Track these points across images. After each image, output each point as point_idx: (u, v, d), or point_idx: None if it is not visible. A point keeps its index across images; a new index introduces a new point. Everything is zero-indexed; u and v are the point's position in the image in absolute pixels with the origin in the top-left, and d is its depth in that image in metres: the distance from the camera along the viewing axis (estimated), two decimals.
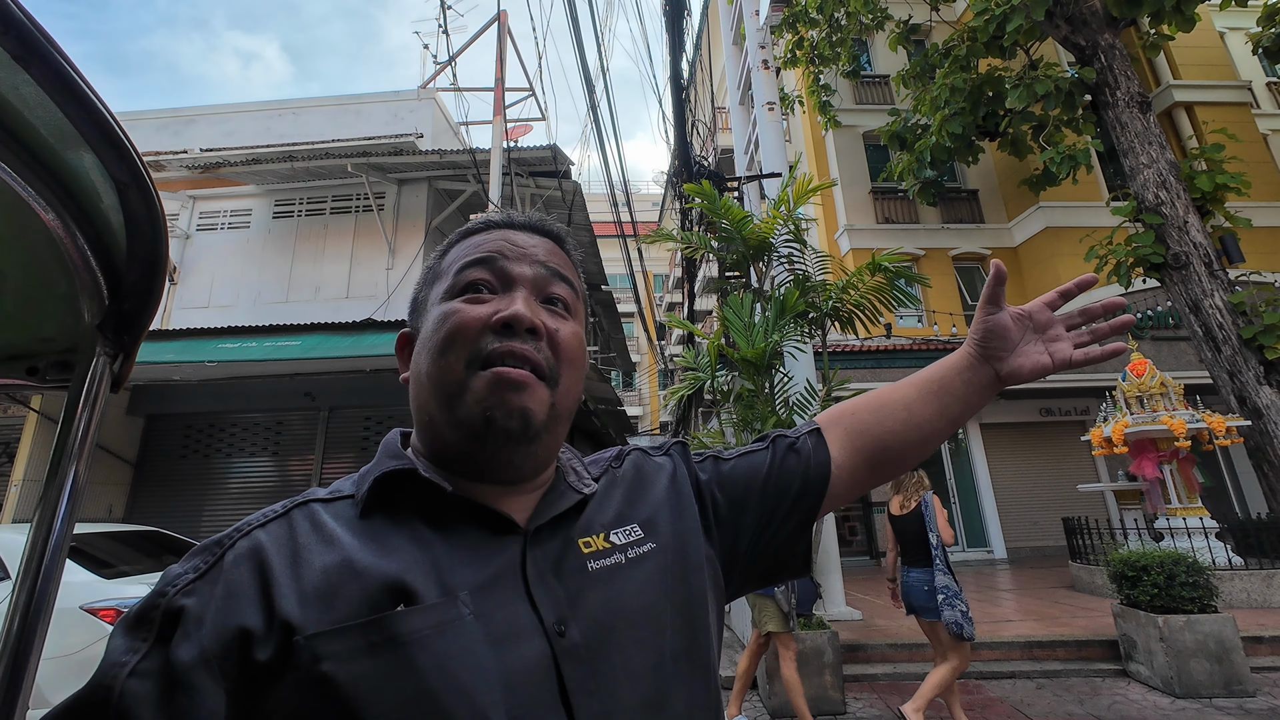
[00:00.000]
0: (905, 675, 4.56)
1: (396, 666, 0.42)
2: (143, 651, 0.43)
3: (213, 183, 8.98)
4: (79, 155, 0.54)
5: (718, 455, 0.70)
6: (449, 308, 0.56)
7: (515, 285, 0.57)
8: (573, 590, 0.51)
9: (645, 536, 0.58)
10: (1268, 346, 6.57)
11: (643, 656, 0.50)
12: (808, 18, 11.00)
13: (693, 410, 12.70)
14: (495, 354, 0.52)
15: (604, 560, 0.54)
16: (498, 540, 0.52)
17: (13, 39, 0.44)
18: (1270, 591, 5.57)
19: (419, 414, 0.56)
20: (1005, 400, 10.53)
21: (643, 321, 16.61)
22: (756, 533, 0.65)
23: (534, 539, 0.53)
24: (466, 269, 0.57)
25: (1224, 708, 3.76)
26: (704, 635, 0.55)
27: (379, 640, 0.43)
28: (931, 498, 3.53)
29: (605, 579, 0.53)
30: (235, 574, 0.46)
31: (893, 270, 4.72)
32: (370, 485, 0.52)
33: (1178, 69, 12.26)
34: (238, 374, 6.66)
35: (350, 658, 0.42)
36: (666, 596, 0.54)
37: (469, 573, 0.48)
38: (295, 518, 0.51)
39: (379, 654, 0.42)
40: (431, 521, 0.51)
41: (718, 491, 0.65)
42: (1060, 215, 11.39)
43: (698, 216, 8.10)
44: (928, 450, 0.70)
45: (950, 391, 0.69)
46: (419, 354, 0.57)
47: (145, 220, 0.61)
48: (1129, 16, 7.77)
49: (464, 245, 0.61)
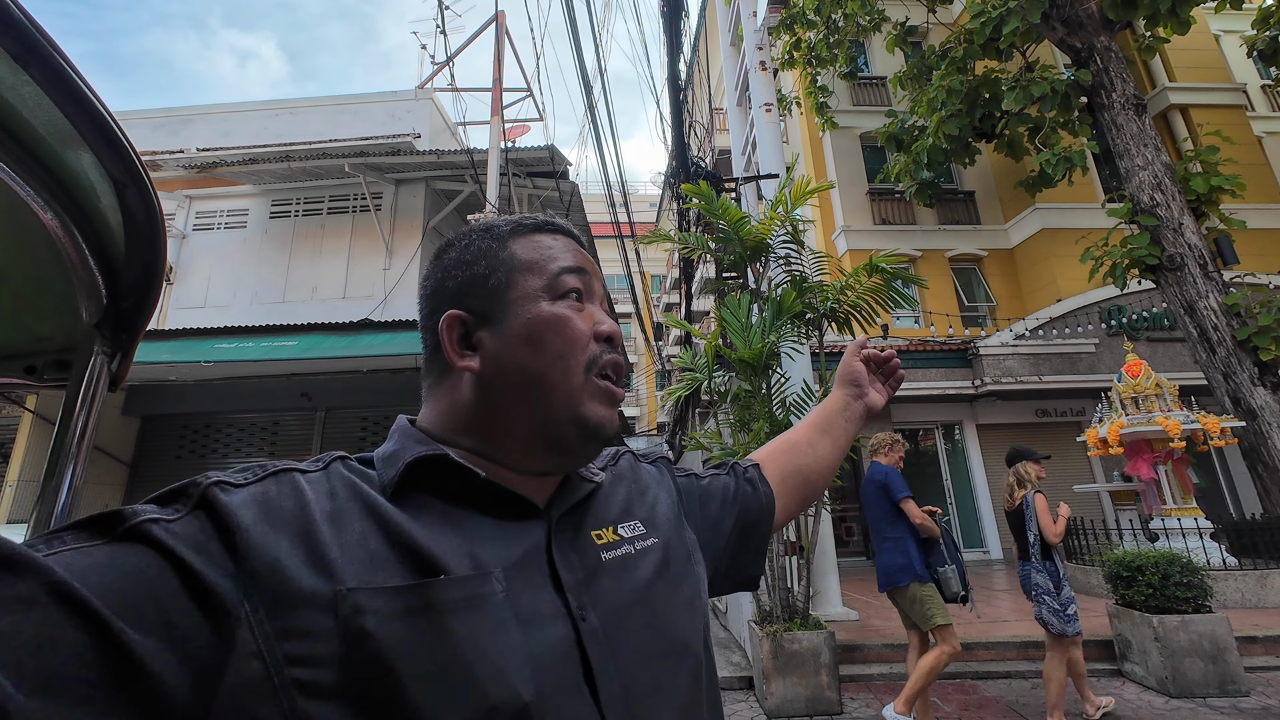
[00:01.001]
0: (902, 675, 4.56)
1: (433, 633, 0.43)
2: (181, 515, 0.41)
3: (209, 182, 8.95)
4: (77, 155, 0.54)
5: (696, 474, 0.78)
6: (563, 311, 0.56)
7: (594, 299, 0.61)
8: (590, 578, 0.53)
9: (648, 533, 0.61)
10: (1262, 348, 6.61)
11: (653, 642, 0.53)
12: (805, 19, 11.03)
13: (690, 411, 12.70)
14: (608, 364, 0.57)
15: (615, 551, 0.57)
16: (523, 524, 0.53)
17: (12, 39, 0.45)
18: (1264, 592, 5.60)
19: (492, 403, 0.56)
20: (1002, 402, 10.56)
21: (640, 322, 16.60)
22: (728, 550, 0.73)
23: (557, 525, 0.55)
24: (566, 274, 0.58)
25: (1218, 707, 3.78)
26: (703, 625, 0.60)
27: (418, 605, 0.43)
28: (1034, 497, 3.59)
29: (618, 569, 0.56)
30: (280, 501, 0.45)
31: (890, 271, 4.74)
32: (403, 469, 0.51)
33: (1173, 71, 12.33)
34: (234, 374, 6.64)
35: (391, 616, 0.42)
36: (670, 589, 0.58)
37: (500, 552, 0.50)
38: (335, 474, 0.51)
39: (417, 618, 0.43)
40: (460, 504, 0.52)
41: (699, 506, 0.72)
42: (1056, 217, 11.43)
43: (695, 217, 8.10)
44: (830, 477, 0.88)
45: (836, 427, 0.89)
46: (515, 346, 0.55)
47: (143, 220, 0.61)
48: (1125, 19, 7.81)
49: (540, 245, 0.60)
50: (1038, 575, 3.51)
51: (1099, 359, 9.76)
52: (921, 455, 11.17)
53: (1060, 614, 3.41)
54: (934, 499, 10.71)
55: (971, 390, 10.01)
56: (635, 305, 14.25)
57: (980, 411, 10.78)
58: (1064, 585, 3.47)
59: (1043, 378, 9.67)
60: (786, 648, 3.97)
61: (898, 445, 3.73)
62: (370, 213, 8.53)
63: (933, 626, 3.31)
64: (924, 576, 3.35)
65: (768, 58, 7.87)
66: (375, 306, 8.14)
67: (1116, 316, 10.01)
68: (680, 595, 0.59)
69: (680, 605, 0.58)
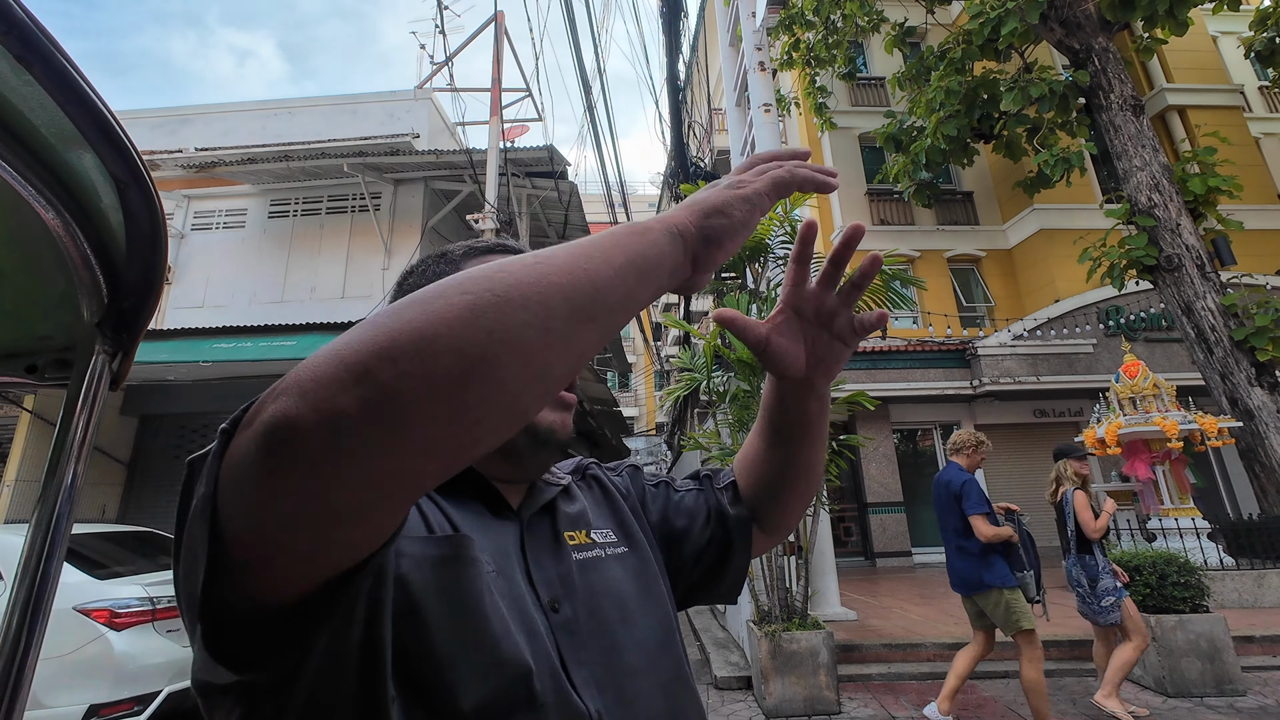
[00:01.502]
0: (900, 675, 4.58)
1: (453, 584, 0.46)
2: None
3: (208, 182, 8.94)
4: (79, 155, 0.54)
5: (669, 482, 0.77)
6: None
7: None
8: (563, 574, 0.57)
9: (619, 540, 0.65)
10: (1259, 348, 6.63)
11: (624, 634, 0.56)
12: (804, 20, 11.04)
13: (689, 411, 12.71)
14: None
15: (586, 553, 0.61)
16: (499, 520, 0.57)
17: (15, 39, 0.45)
18: (1261, 591, 5.62)
19: None
20: (999, 402, 10.58)
21: (639, 322, 16.61)
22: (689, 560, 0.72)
23: (528, 525, 0.59)
24: None
25: (1215, 706, 3.79)
26: (672, 622, 0.63)
27: (449, 554, 0.47)
28: (1073, 494, 3.71)
29: (590, 568, 0.59)
30: None
31: (888, 273, 4.74)
32: None
33: (1171, 72, 12.36)
34: (232, 374, 6.63)
35: (423, 563, 0.46)
36: (640, 590, 0.62)
37: (483, 540, 0.52)
38: None
39: (445, 568, 0.46)
40: (445, 494, 0.56)
41: (670, 517, 0.73)
42: (1054, 217, 11.45)
43: None
44: (810, 476, 0.71)
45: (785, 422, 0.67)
46: None
47: (145, 220, 0.61)
48: (1122, 20, 7.83)
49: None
50: (1074, 569, 3.70)
51: (1097, 359, 9.78)
52: (919, 455, 11.20)
53: (1094, 606, 3.59)
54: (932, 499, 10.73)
55: (970, 390, 10.03)
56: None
57: (978, 411, 10.80)
58: (1102, 577, 3.58)
59: (1041, 378, 9.69)
60: (785, 648, 3.97)
61: (982, 447, 3.56)
62: (369, 213, 8.53)
63: (1017, 630, 3.22)
64: (1010, 583, 3.27)
65: (766, 58, 7.87)
66: (374, 306, 8.12)
67: (1114, 317, 10.03)
68: (649, 596, 0.62)
69: (649, 604, 0.61)
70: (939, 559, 10.12)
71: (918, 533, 10.29)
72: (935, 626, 5.31)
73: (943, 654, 4.70)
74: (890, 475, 10.40)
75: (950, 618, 5.56)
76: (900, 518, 10.24)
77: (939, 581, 8.15)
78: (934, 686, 4.30)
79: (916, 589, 7.48)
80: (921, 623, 5.50)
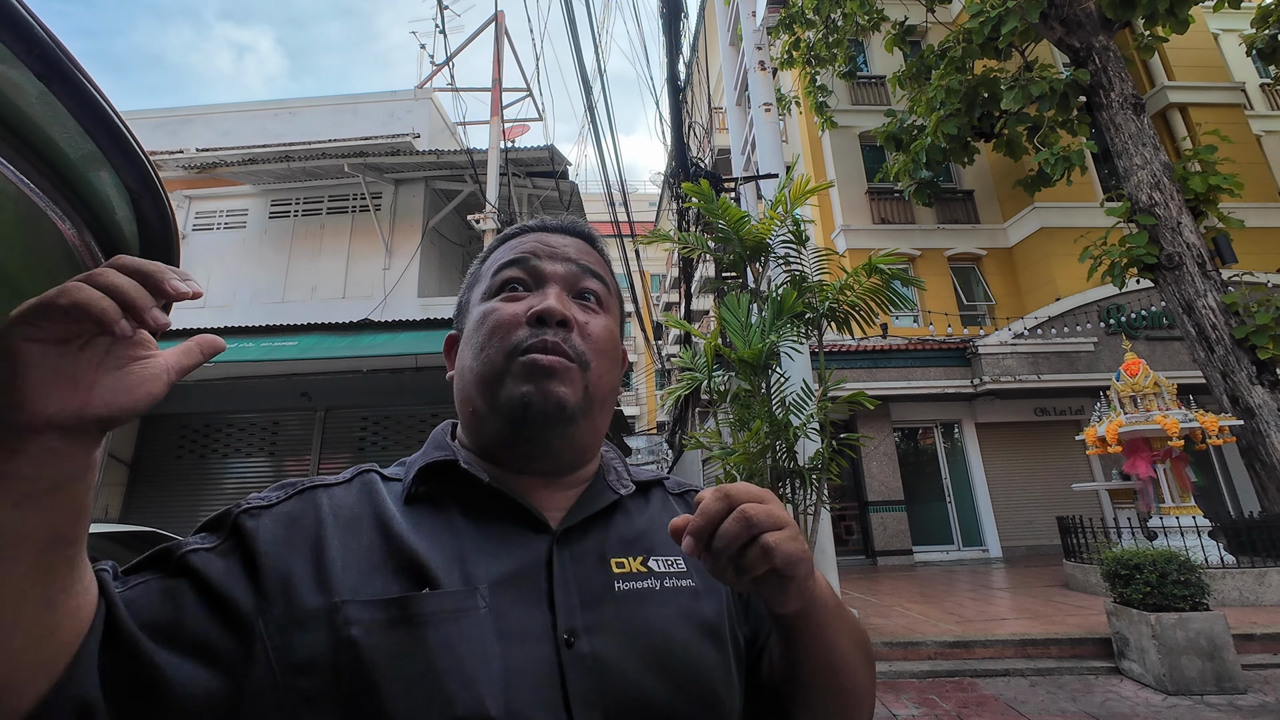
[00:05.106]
0: (901, 673, 4.58)
1: (410, 643, 0.45)
2: (217, 543, 0.49)
3: (209, 183, 8.96)
4: (95, 167, 0.55)
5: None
6: (488, 306, 0.60)
7: (548, 282, 0.61)
8: (593, 604, 0.51)
9: (687, 571, 0.56)
10: (1260, 346, 6.63)
11: (661, 685, 0.49)
12: (804, 19, 11.04)
13: (690, 410, 12.74)
14: (530, 344, 0.56)
15: (635, 583, 0.53)
16: (529, 537, 0.54)
17: (35, 57, 0.46)
18: (1262, 589, 5.62)
19: (463, 407, 0.61)
20: (1000, 401, 10.58)
21: (640, 321, 16.62)
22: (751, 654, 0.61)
23: (563, 540, 0.54)
24: (502, 270, 0.62)
25: (1215, 704, 3.79)
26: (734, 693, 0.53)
27: (399, 617, 0.46)
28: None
29: (633, 601, 0.52)
30: (301, 519, 0.51)
31: (888, 272, 4.75)
32: (415, 474, 0.56)
33: (1172, 70, 12.34)
34: (234, 374, 6.64)
35: (374, 628, 0.45)
36: (699, 636, 0.53)
37: (492, 566, 0.51)
38: (357, 486, 0.56)
39: (397, 629, 0.46)
40: (468, 512, 0.55)
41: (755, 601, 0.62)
42: (1055, 216, 11.45)
43: (694, 217, 8.11)
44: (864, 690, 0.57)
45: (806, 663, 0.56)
46: (463, 351, 0.62)
47: (158, 229, 0.63)
48: (1123, 19, 7.82)
49: (502, 249, 0.65)
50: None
51: (1097, 358, 9.79)
52: (920, 454, 11.20)
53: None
54: (933, 497, 10.75)
55: (970, 389, 10.03)
56: (635, 304, 14.26)
57: (979, 410, 10.80)
58: None
59: (1041, 376, 9.69)
60: None
61: None
62: (370, 213, 8.54)
63: None
64: None
65: (767, 57, 7.87)
66: (375, 306, 8.15)
67: (1115, 315, 10.03)
68: (708, 646, 0.53)
69: (708, 656, 0.52)
70: (940, 557, 10.14)
71: (918, 531, 10.30)
72: (936, 625, 5.32)
73: (943, 652, 4.71)
74: (891, 474, 10.41)
75: (951, 616, 5.57)
76: (901, 516, 10.24)
77: (940, 580, 8.16)
78: (935, 685, 4.32)
79: (917, 587, 7.48)
80: (922, 621, 5.51)
